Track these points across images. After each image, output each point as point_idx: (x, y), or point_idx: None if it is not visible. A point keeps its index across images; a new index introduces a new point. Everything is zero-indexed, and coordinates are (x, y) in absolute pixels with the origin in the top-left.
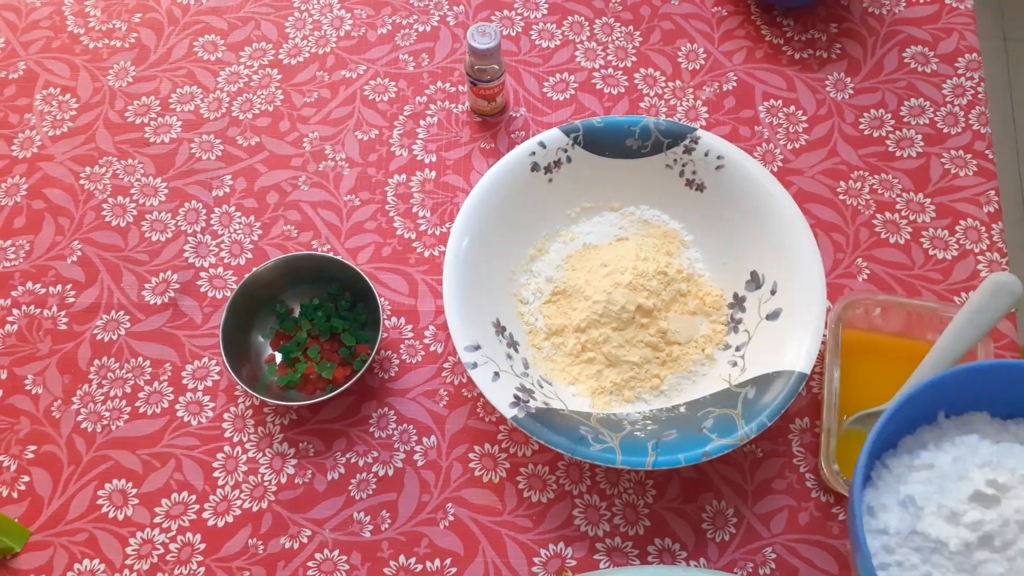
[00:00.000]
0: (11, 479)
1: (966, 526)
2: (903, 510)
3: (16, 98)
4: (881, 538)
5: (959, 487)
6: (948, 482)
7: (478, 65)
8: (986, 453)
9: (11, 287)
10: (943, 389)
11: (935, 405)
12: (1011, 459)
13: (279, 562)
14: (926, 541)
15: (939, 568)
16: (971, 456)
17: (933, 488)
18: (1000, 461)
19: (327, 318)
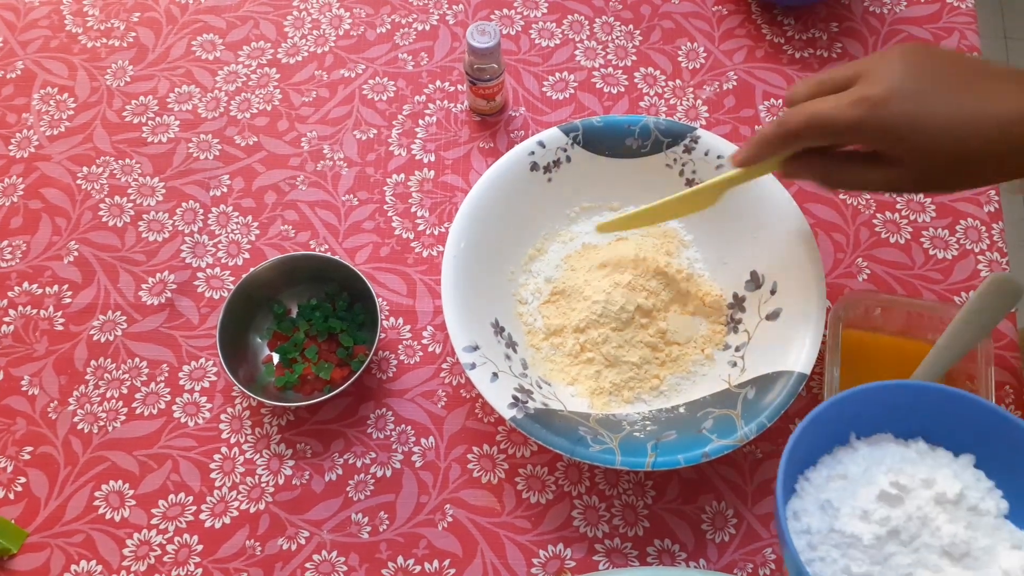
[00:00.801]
0: (7, 480)
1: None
2: (822, 512)
3: (13, 97)
4: (805, 537)
5: (868, 490)
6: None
7: (477, 64)
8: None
9: (7, 287)
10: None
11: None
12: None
13: (277, 563)
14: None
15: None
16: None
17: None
18: (901, 467)
19: (325, 318)
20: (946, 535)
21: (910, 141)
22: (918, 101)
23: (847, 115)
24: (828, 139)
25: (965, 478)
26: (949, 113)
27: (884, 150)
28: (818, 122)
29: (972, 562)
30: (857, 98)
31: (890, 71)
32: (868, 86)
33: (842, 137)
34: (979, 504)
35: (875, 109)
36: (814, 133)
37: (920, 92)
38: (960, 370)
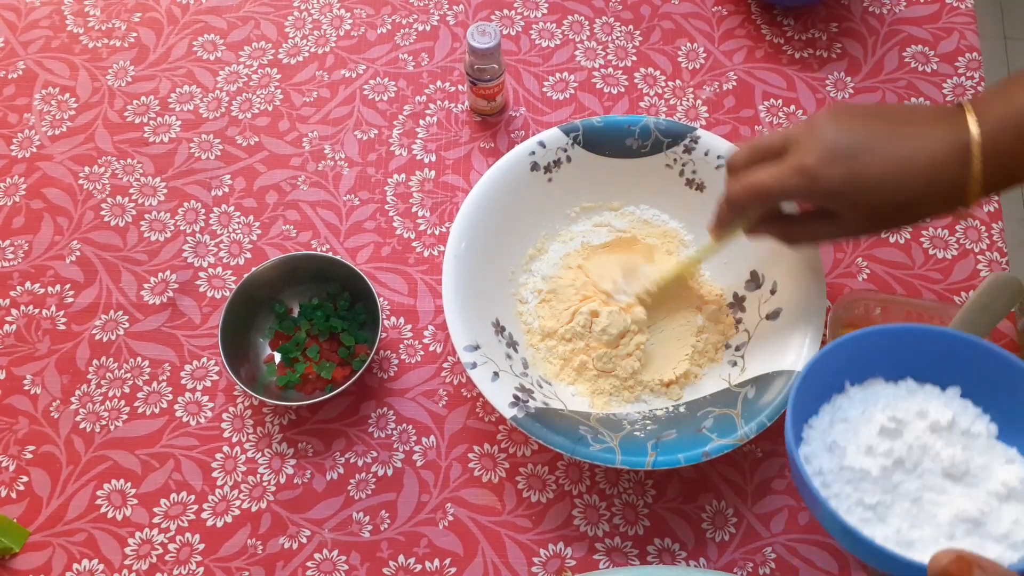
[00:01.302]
0: (10, 479)
1: (880, 455)
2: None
3: (15, 98)
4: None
5: (869, 428)
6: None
7: (478, 64)
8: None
9: (10, 287)
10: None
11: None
12: (903, 402)
13: (278, 562)
14: (853, 473)
15: (867, 493)
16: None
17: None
18: (895, 404)
19: (326, 318)
20: (945, 458)
21: (851, 198)
22: (851, 160)
23: (788, 185)
24: (772, 205)
25: (954, 406)
26: (881, 164)
27: (828, 208)
28: (760, 194)
29: (972, 479)
30: (795, 168)
31: (821, 137)
32: (803, 155)
33: (783, 201)
34: (970, 428)
35: (812, 180)
36: (757, 203)
37: (851, 151)
38: None
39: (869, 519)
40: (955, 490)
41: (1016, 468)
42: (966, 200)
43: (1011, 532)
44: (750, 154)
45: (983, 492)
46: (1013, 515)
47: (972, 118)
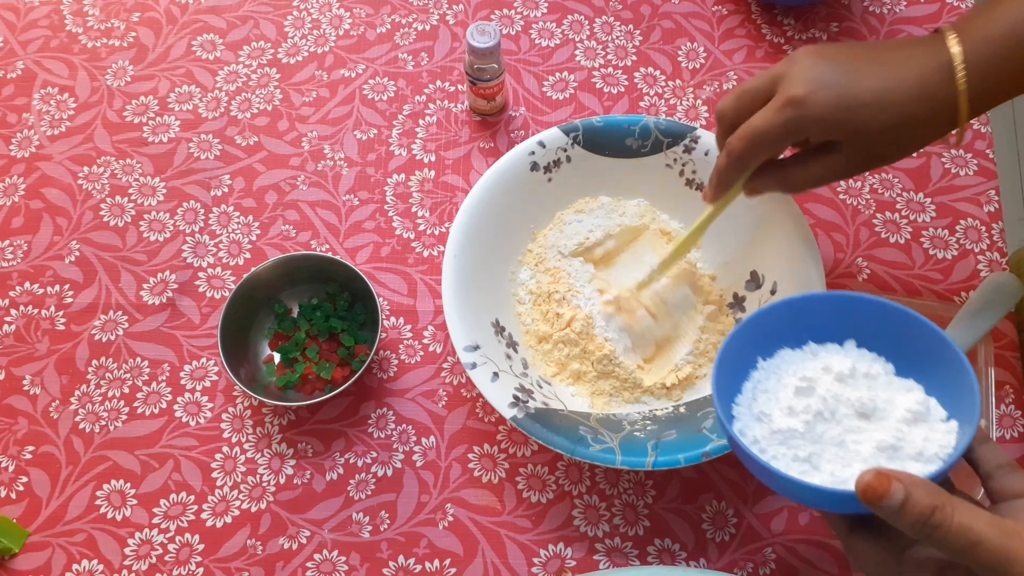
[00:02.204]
0: (9, 480)
1: (801, 412)
2: (760, 423)
3: (14, 97)
4: (756, 447)
5: (785, 392)
6: (778, 392)
7: (477, 64)
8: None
9: (9, 287)
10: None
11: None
12: (809, 363)
13: (278, 563)
14: (783, 434)
15: (799, 448)
16: (785, 372)
17: (772, 400)
18: (803, 365)
19: (326, 318)
20: (855, 401)
21: (843, 123)
22: (839, 86)
23: (778, 121)
24: (771, 149)
25: (852, 356)
26: (869, 85)
27: (823, 140)
28: (756, 139)
29: (881, 413)
30: (782, 103)
31: (804, 68)
32: (788, 88)
33: (782, 142)
34: (870, 371)
35: (801, 108)
36: (757, 149)
37: (838, 77)
38: None
39: (807, 470)
40: (870, 427)
41: (915, 394)
42: (957, 119)
43: (924, 449)
44: (738, 99)
45: (893, 421)
46: (922, 434)
47: (953, 37)
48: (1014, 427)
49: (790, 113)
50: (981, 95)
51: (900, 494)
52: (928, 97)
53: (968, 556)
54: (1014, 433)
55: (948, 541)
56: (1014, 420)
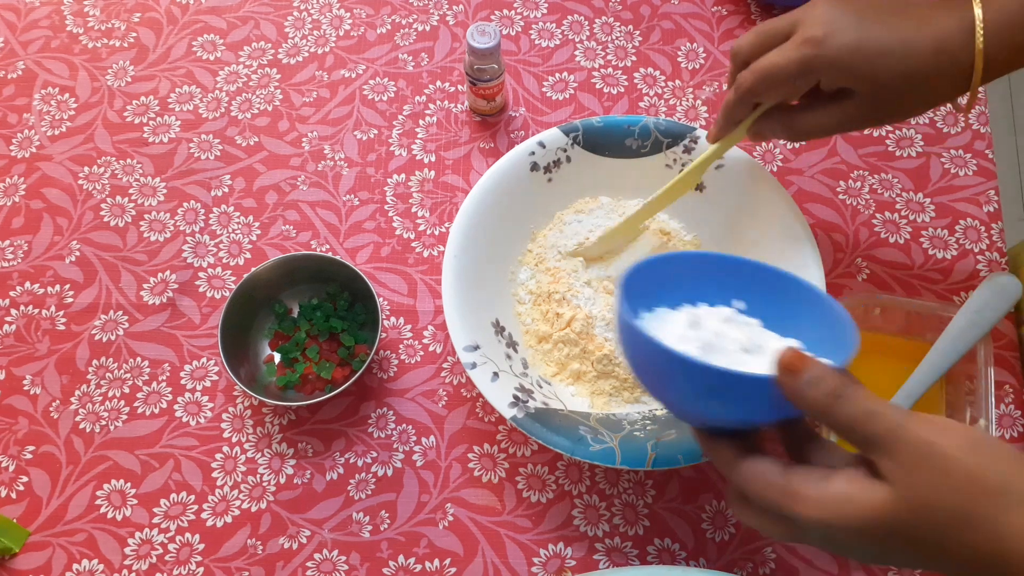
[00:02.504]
0: (9, 479)
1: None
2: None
3: (15, 98)
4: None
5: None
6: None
7: (477, 65)
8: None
9: (9, 287)
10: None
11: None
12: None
13: (278, 562)
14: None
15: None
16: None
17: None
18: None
19: (326, 318)
20: (742, 338)
21: (858, 69)
22: (858, 31)
23: (794, 58)
24: (783, 88)
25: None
26: (889, 33)
27: (835, 85)
28: (769, 74)
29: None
30: (800, 41)
31: (825, 11)
32: (807, 29)
33: (795, 82)
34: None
35: (819, 47)
36: (768, 85)
37: (858, 23)
38: (960, 370)
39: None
40: (754, 361)
41: (790, 340)
42: (970, 81)
43: None
44: (756, 37)
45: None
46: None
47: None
48: (1014, 427)
49: (807, 51)
50: (997, 59)
51: (816, 367)
52: (947, 53)
53: (864, 425)
54: (1014, 433)
55: (849, 409)
56: (1014, 420)
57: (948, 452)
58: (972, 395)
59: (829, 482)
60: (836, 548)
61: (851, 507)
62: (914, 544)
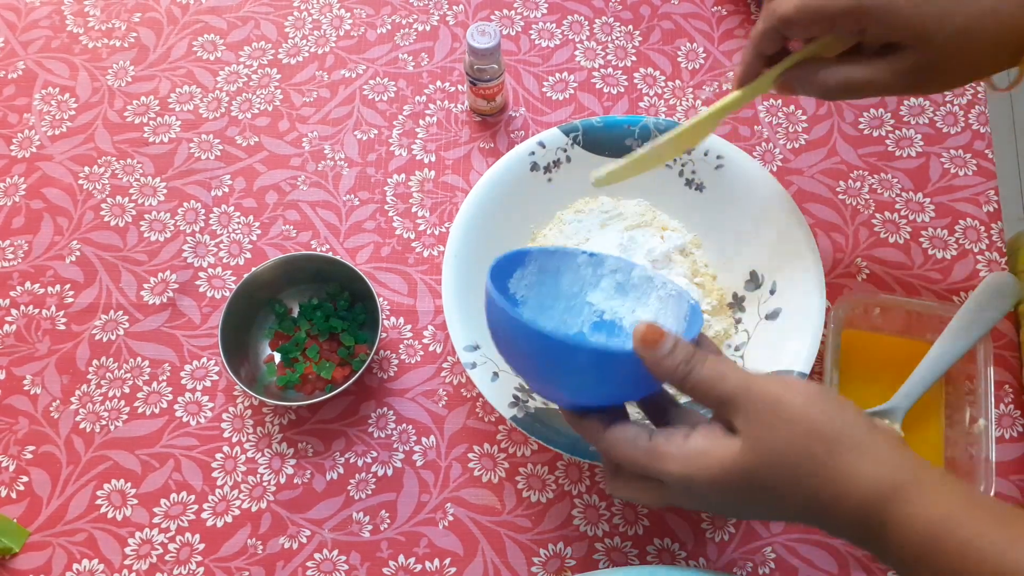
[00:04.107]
0: (10, 479)
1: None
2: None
3: (15, 98)
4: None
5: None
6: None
7: (477, 65)
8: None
9: (9, 287)
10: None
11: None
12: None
13: (278, 562)
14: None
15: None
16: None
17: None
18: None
19: (326, 318)
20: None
21: (914, 20)
22: None
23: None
24: (825, 24)
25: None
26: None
27: (883, 39)
28: (813, 5)
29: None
30: None
31: None
32: None
33: (840, 22)
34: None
35: None
36: (809, 17)
37: None
38: (960, 370)
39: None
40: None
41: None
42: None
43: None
44: None
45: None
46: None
47: None
48: (1014, 427)
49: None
50: None
51: (671, 339)
52: (1004, 13)
53: (715, 386)
54: (1013, 433)
55: (701, 373)
56: (1014, 420)
57: (791, 405)
58: (972, 395)
59: (688, 439)
60: (699, 502)
61: (707, 459)
62: (765, 492)
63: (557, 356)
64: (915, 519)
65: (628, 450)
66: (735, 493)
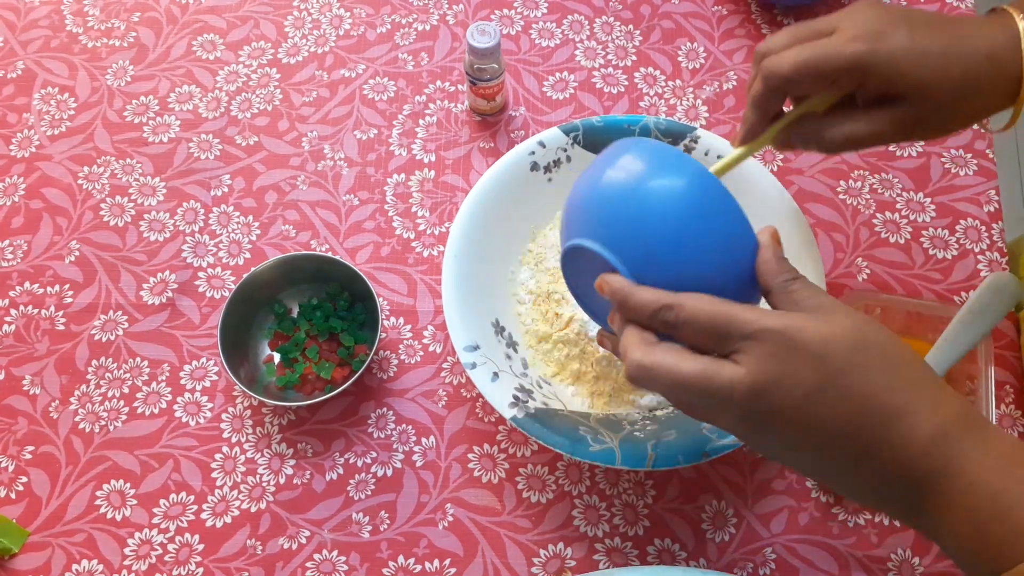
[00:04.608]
0: (9, 480)
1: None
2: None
3: (14, 97)
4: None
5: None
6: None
7: (477, 64)
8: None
9: (9, 287)
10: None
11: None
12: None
13: (277, 563)
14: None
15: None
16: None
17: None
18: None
19: (325, 318)
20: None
21: (913, 72)
22: (911, 35)
23: (847, 52)
24: (823, 81)
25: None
26: (942, 43)
27: (882, 90)
28: (812, 64)
29: None
30: (850, 38)
31: (874, 14)
32: (856, 28)
33: (840, 79)
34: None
35: (875, 43)
36: (810, 75)
37: (909, 28)
38: (960, 370)
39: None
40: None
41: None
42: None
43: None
44: (789, 38)
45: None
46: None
47: (1018, 15)
48: (1014, 427)
49: (860, 47)
50: None
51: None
52: (997, 59)
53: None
54: (1014, 433)
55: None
56: (1014, 420)
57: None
58: (972, 395)
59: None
60: (783, 369)
61: (812, 321)
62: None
63: (709, 206)
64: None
65: (707, 305)
66: (832, 362)
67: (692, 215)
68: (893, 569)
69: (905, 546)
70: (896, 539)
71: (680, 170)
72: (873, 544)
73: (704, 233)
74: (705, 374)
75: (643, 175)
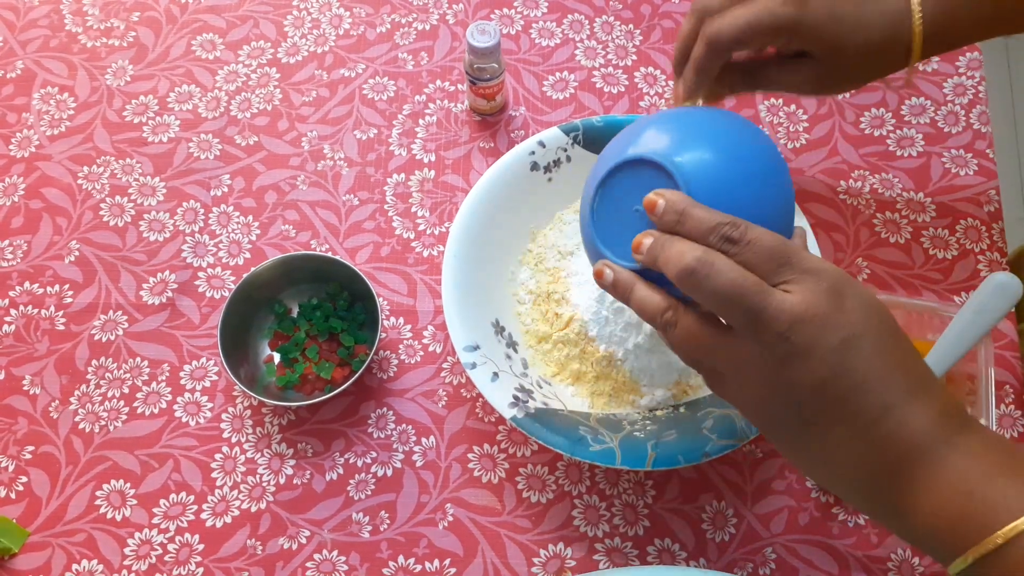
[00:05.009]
0: (9, 480)
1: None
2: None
3: (14, 97)
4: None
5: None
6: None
7: (477, 64)
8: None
9: (8, 287)
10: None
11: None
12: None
13: (277, 563)
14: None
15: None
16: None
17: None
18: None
19: (325, 318)
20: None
21: (829, 36)
22: (831, 1)
23: (781, 12)
24: (761, 40)
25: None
26: (854, 10)
27: (800, 48)
28: (754, 26)
29: None
30: (782, 1)
31: None
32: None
33: (771, 37)
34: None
35: (802, 8)
36: (749, 36)
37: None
38: (960, 370)
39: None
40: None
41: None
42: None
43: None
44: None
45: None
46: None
47: None
48: (1014, 427)
49: (791, 10)
50: (932, 38)
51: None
52: (893, 28)
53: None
54: (1014, 433)
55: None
56: (1014, 420)
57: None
58: (972, 395)
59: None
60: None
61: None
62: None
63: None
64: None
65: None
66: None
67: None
68: (893, 569)
69: (905, 546)
70: (896, 539)
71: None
72: (873, 544)
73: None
74: (762, 286)
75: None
